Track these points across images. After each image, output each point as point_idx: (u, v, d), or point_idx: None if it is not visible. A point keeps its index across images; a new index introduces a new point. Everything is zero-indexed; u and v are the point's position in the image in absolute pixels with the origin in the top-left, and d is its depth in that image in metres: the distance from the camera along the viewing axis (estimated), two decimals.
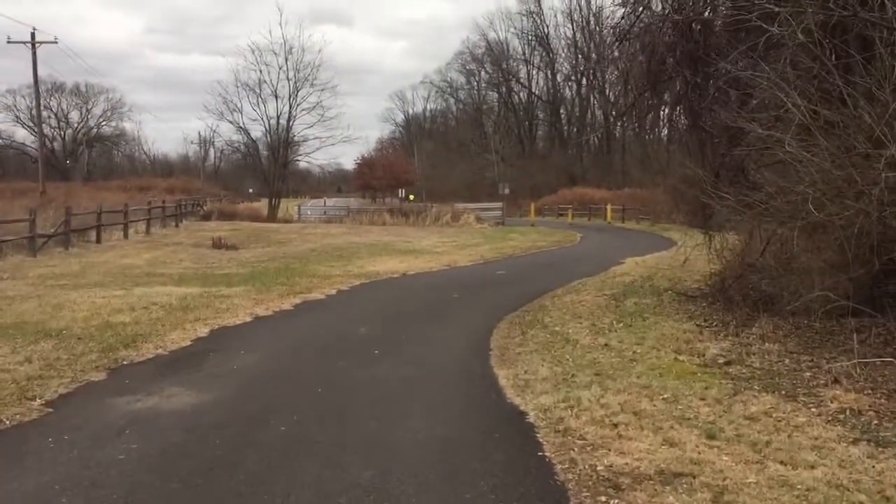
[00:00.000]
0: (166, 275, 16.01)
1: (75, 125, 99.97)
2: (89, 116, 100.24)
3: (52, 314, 10.51)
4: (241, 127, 48.46)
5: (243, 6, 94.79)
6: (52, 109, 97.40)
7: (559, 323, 10.14)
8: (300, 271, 16.89)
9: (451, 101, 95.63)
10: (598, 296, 12.74)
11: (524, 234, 34.18)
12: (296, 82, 46.88)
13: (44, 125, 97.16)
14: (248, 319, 10.64)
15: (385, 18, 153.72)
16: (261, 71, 46.68)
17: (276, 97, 47.39)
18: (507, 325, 10.21)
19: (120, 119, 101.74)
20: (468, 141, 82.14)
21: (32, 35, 41.55)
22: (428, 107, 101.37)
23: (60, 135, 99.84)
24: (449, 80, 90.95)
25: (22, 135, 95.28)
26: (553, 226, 42.98)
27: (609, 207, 48.90)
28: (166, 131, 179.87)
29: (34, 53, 41.45)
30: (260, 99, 47.62)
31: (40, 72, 42.76)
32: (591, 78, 77.40)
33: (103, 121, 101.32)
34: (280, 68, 46.89)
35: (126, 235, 28.18)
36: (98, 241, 25.40)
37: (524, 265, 20.20)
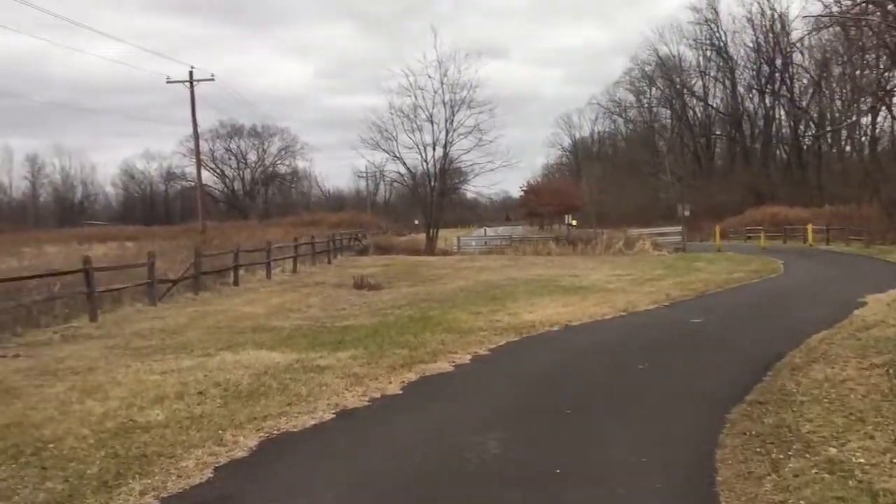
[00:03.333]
0: (276, 329, 13.04)
1: (253, 165, 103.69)
2: (265, 156, 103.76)
3: (67, 408, 7.55)
4: (396, 156, 46.31)
5: (402, 46, 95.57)
6: (232, 151, 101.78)
7: (830, 436, 5.86)
8: (436, 322, 13.40)
9: (620, 121, 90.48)
10: (865, 367, 8.24)
11: (712, 261, 29.10)
12: (452, 105, 44.13)
13: (225, 166, 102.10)
14: (328, 417, 7.16)
15: (540, 49, 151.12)
16: (415, 96, 44.24)
17: (432, 122, 44.84)
18: (738, 440, 6.00)
19: (293, 158, 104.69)
20: (639, 161, 76.76)
21: (190, 74, 41.62)
22: (596, 129, 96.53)
23: (240, 175, 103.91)
24: (617, 99, 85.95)
25: (205, 176, 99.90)
26: (743, 250, 37.23)
27: (810, 228, 42.34)
28: (337, 167, 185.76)
29: (192, 92, 41.44)
30: (415, 125, 45.19)
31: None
32: (780, 85, 69.90)
33: (278, 160, 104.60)
34: (435, 92, 44.30)
35: (269, 275, 26.04)
36: (235, 282, 23.32)
37: (726, 308, 15.64)
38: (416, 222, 67.72)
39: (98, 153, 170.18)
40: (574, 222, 51.67)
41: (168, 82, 42.58)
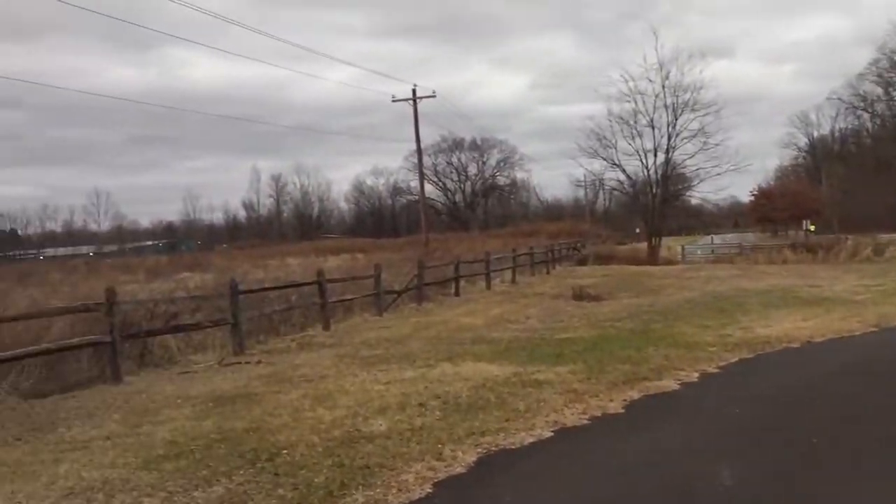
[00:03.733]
0: (494, 341, 13.04)
1: (473, 177, 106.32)
2: (485, 168, 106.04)
3: (300, 414, 7.92)
4: (615, 163, 45.34)
5: (620, 52, 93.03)
6: (453, 165, 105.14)
7: None
8: (660, 336, 12.76)
9: (866, 116, 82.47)
10: None
11: None
12: (674, 108, 42.47)
13: (446, 179, 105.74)
14: (546, 434, 6.93)
15: (769, 44, 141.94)
16: (635, 101, 43.09)
17: (653, 127, 43.44)
18: None
19: (512, 169, 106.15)
20: (889, 159, 69.42)
21: (413, 92, 43.41)
22: (837, 126, 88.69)
23: (461, 187, 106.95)
24: (862, 93, 78.41)
25: (428, 189, 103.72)
26: None
27: None
28: (555, 177, 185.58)
29: (415, 109, 43.22)
30: (635, 131, 44.00)
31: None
32: None
33: (497, 172, 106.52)
34: (656, 96, 42.87)
35: (488, 286, 26.39)
36: (456, 293, 23.85)
37: None
38: (638, 231, 65.96)
39: (332, 171, 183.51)
40: (812, 228, 47.76)
41: (393, 101, 44.74)
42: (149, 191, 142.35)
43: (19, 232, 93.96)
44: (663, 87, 42.74)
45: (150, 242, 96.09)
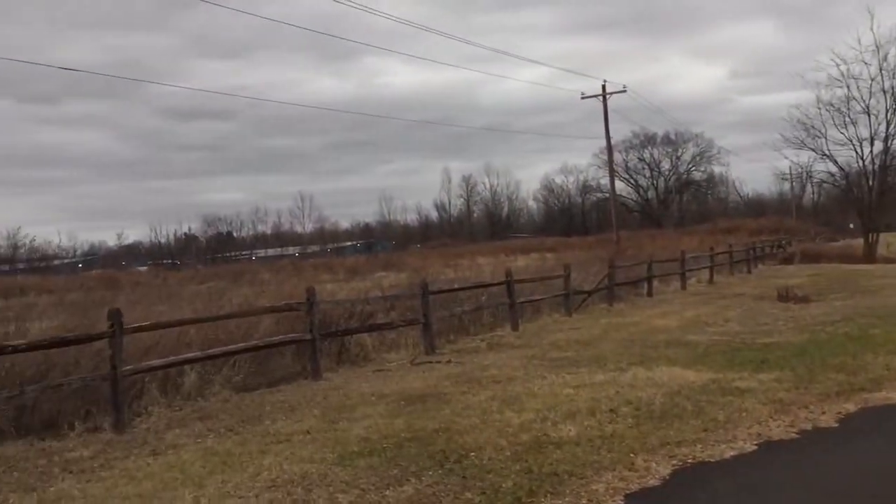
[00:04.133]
0: (690, 345, 12.43)
1: (666, 173, 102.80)
2: (679, 163, 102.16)
3: (488, 417, 7.91)
4: (825, 154, 42.02)
5: (826, 36, 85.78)
6: (645, 160, 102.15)
7: None
8: (880, 342, 11.60)
9: None
10: None
11: None
12: (894, 93, 38.71)
13: (638, 176, 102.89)
14: (749, 448, 6.45)
15: None
16: (847, 86, 39.70)
17: (868, 114, 39.82)
18: None
19: (708, 163, 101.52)
20: None
21: (603, 88, 42.63)
22: None
23: (653, 183, 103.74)
24: None
25: (619, 186, 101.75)
26: None
27: None
28: (756, 171, 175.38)
29: (605, 105, 42.44)
30: (847, 119, 40.53)
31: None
32: None
33: (692, 166, 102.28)
34: (872, 80, 39.26)
35: (683, 286, 25.38)
36: (649, 293, 23.13)
37: None
38: (851, 226, 60.95)
39: (521, 170, 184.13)
40: None
41: (582, 98, 44.12)
42: (348, 194, 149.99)
43: (234, 234, 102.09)
44: (881, 69, 39.11)
45: (349, 243, 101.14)
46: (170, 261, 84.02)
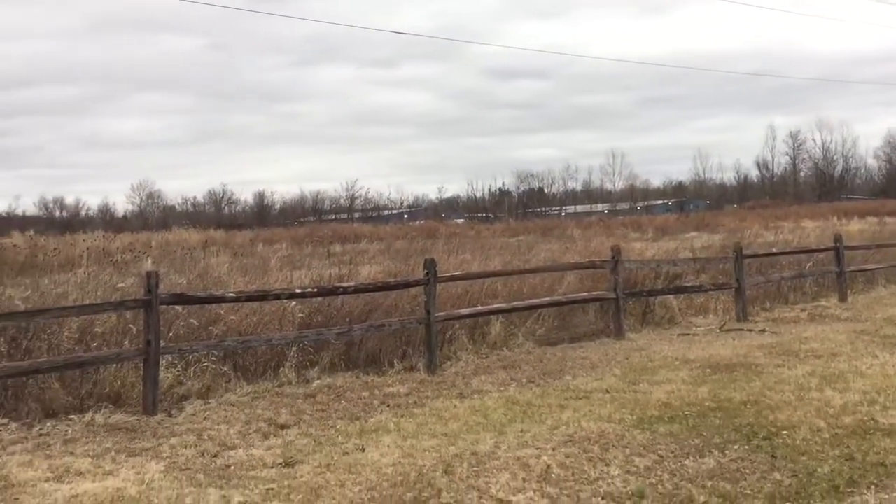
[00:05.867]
0: None
1: None
2: None
3: (805, 394, 7.23)
4: None
5: None
6: None
7: None
8: None
9: None
10: None
11: None
12: None
13: None
14: None
15: None
16: None
17: None
18: None
19: None
20: None
21: None
22: None
23: None
24: None
25: None
26: None
27: None
28: None
29: None
30: None
31: None
32: None
33: None
34: None
35: None
36: None
37: None
38: None
39: (860, 125, 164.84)
40: None
41: None
42: (660, 151, 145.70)
43: (545, 190, 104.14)
44: None
45: (659, 201, 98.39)
46: (484, 214, 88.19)
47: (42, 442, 6.25)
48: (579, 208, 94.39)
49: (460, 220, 73.83)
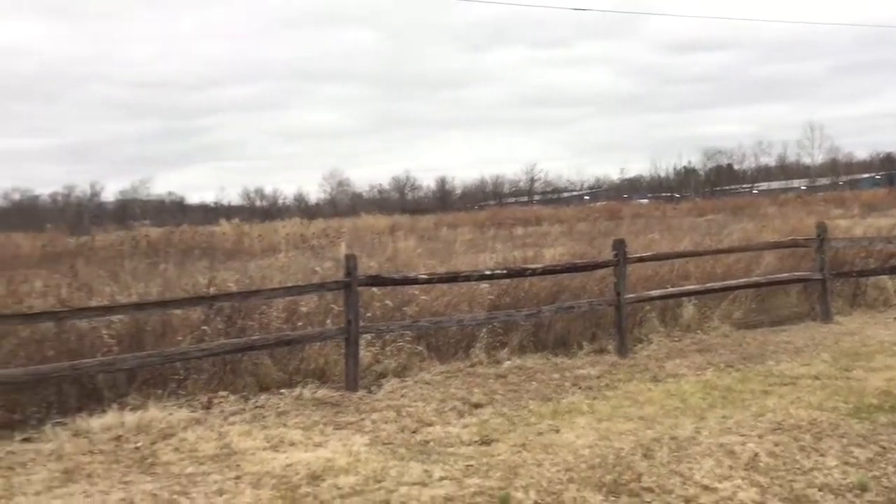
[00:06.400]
0: None
1: None
2: None
3: None
4: None
5: None
6: None
7: None
8: None
9: None
10: None
11: None
12: None
13: None
14: None
15: None
16: None
17: None
18: None
19: None
20: None
21: None
22: None
23: None
24: None
25: None
26: None
27: None
28: None
29: None
30: None
31: None
32: None
33: None
34: None
35: None
36: None
37: None
38: None
39: None
40: None
41: None
42: (863, 120, 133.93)
43: (734, 167, 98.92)
44: None
45: (865, 175, 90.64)
46: (669, 194, 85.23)
47: (258, 413, 6.72)
48: (774, 185, 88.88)
49: (644, 200, 71.79)
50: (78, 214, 67.30)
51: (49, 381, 6.73)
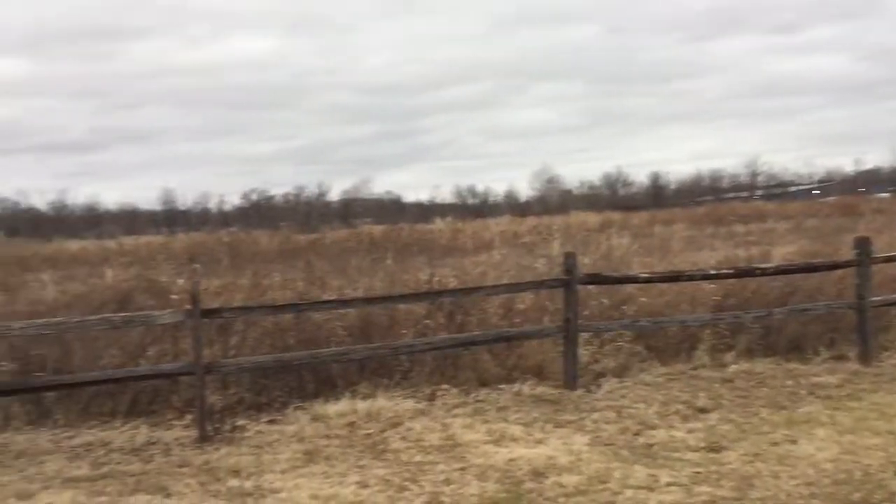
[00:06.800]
0: None
1: None
2: None
3: None
4: None
5: None
6: None
7: None
8: None
9: None
10: None
11: None
12: None
13: None
14: None
15: None
16: None
17: None
18: None
19: None
20: None
21: None
22: None
23: None
24: None
25: None
26: None
27: None
28: None
29: None
30: None
31: None
32: None
33: None
34: None
35: None
36: None
37: None
38: None
39: None
40: None
41: None
42: None
43: None
44: None
45: None
46: None
47: (478, 408, 6.87)
48: None
49: (884, 195, 65.46)
50: (307, 213, 72.42)
51: (290, 368, 7.28)
